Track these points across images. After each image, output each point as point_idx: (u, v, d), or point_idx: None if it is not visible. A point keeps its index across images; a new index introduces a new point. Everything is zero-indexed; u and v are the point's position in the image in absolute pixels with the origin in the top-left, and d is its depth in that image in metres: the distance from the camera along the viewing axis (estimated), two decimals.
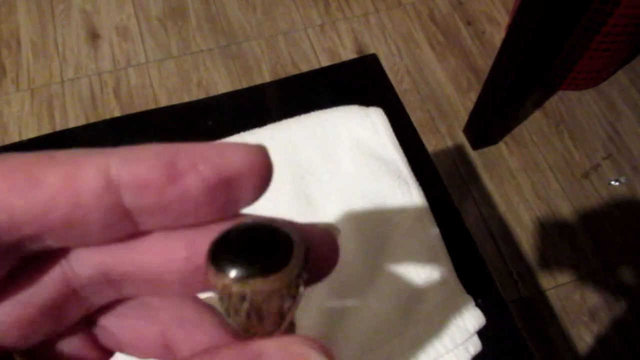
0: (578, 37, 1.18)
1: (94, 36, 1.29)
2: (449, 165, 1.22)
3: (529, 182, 1.21)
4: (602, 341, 1.06)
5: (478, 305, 0.40)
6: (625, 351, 1.05)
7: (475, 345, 0.38)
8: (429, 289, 0.39)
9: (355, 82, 0.50)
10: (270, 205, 0.42)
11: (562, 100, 1.32)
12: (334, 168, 0.44)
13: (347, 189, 0.43)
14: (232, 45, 1.32)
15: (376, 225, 0.41)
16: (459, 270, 0.41)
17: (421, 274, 0.40)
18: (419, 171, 0.45)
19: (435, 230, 0.42)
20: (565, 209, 1.19)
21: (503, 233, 1.15)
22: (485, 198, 1.19)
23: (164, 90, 1.23)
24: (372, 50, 1.34)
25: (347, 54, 1.33)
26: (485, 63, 1.33)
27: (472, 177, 1.21)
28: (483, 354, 0.38)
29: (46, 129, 1.14)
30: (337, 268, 0.39)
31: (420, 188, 0.43)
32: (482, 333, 0.39)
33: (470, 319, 0.38)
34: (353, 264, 0.39)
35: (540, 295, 1.09)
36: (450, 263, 0.41)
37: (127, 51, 1.28)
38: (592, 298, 1.10)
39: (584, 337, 1.06)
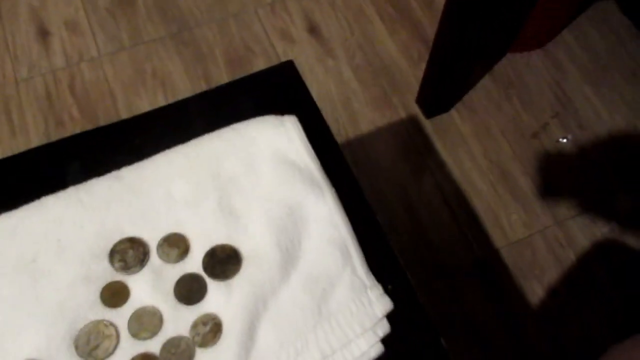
0: (523, 3, 1.21)
1: (43, 33, 1.29)
2: (404, 136, 1.26)
3: (481, 147, 1.26)
4: (552, 294, 1.13)
5: (388, 291, 0.45)
6: (573, 301, 1.12)
7: (384, 328, 0.43)
8: (340, 283, 0.44)
9: (275, 89, 0.54)
10: (197, 219, 0.46)
11: (510, 64, 1.35)
12: (254, 178, 0.48)
13: (266, 196, 0.47)
14: (183, 32, 1.32)
15: (293, 228, 0.45)
16: (372, 262, 0.46)
17: (333, 269, 0.44)
18: (334, 172, 0.49)
19: (347, 229, 0.46)
20: (517, 170, 1.24)
21: (458, 198, 1.21)
22: (440, 166, 1.24)
23: (119, 83, 1.24)
24: (324, 28, 1.36)
25: (299, 33, 1.34)
26: (434, 33, 1.35)
27: (426, 146, 1.26)
28: (392, 336, 0.44)
29: (5, 133, 1.16)
30: (256, 266, 0.43)
31: (333, 190, 0.48)
32: (391, 317, 0.44)
33: (378, 305, 0.43)
34: (270, 267, 0.43)
35: (494, 253, 1.16)
36: (361, 257, 0.45)
37: (79, 46, 1.28)
38: (543, 253, 1.16)
39: (536, 290, 1.14)
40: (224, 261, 0.44)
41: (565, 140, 1.28)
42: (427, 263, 1.14)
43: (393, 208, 1.19)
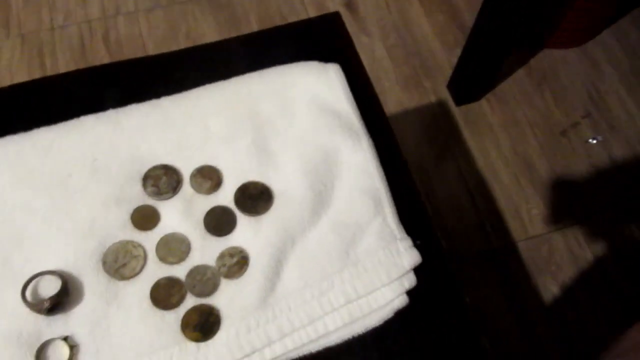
0: None
1: None
2: (431, 120, 1.25)
3: (508, 139, 1.24)
4: (566, 292, 1.12)
5: (417, 246, 0.44)
6: (588, 301, 1.11)
7: (410, 281, 0.43)
8: (370, 231, 0.43)
9: (319, 38, 0.53)
10: (231, 154, 0.46)
11: (546, 59, 1.33)
12: (291, 120, 0.47)
13: (302, 139, 0.46)
14: None
15: (327, 172, 0.45)
16: (403, 216, 0.45)
17: (365, 217, 0.44)
18: (373, 124, 0.49)
19: (381, 179, 0.45)
20: (542, 166, 1.23)
21: (480, 187, 1.20)
22: (465, 153, 1.23)
23: (153, 40, 1.24)
24: (361, 5, 1.35)
25: (336, 6, 1.33)
26: (472, 19, 1.33)
27: (453, 132, 1.25)
28: (417, 290, 0.43)
29: (37, 76, 1.17)
30: (287, 205, 0.43)
31: (371, 140, 0.47)
32: (417, 271, 0.44)
33: (407, 257, 0.43)
34: (301, 207, 0.43)
35: (510, 246, 1.15)
36: (393, 208, 0.45)
37: None
38: (560, 250, 1.15)
39: (549, 287, 1.12)
40: (255, 197, 0.44)
41: (594, 141, 1.26)
42: None
43: None
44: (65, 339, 0.38)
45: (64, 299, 0.38)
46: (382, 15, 1.34)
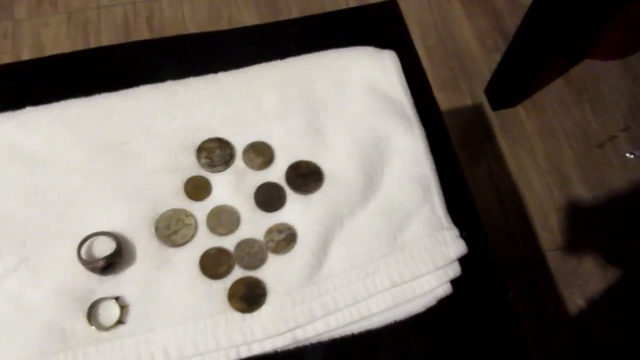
0: (610, 6, 1.17)
1: None
2: (466, 123, 1.24)
3: (543, 147, 1.23)
4: (592, 305, 1.10)
5: (462, 237, 0.44)
6: (614, 317, 1.09)
7: (454, 270, 0.43)
8: (418, 218, 0.43)
9: (374, 25, 0.53)
10: (284, 132, 0.46)
11: (586, 69, 1.31)
12: (344, 103, 0.47)
13: (355, 122, 0.47)
14: None
15: (378, 157, 0.45)
16: (450, 207, 0.45)
17: (413, 204, 0.44)
18: (425, 114, 0.48)
19: (430, 167, 0.45)
20: (576, 177, 1.21)
21: (511, 194, 1.19)
22: (498, 158, 1.22)
23: (195, 24, 1.26)
24: (402, 3, 1.34)
25: None
26: (514, 24, 1.32)
27: (487, 136, 1.24)
28: (461, 280, 0.43)
29: None
30: (337, 186, 0.43)
31: (422, 129, 0.47)
32: (462, 262, 0.43)
33: (453, 247, 0.43)
34: (351, 189, 0.43)
35: (538, 255, 1.13)
36: (441, 198, 0.45)
37: None
38: (589, 264, 1.13)
39: (575, 299, 1.11)
40: (306, 176, 0.44)
41: (632, 156, 1.24)
42: None
43: None
44: (116, 299, 0.39)
45: (117, 260, 0.39)
46: (423, 15, 1.34)
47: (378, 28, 0.53)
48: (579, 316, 1.09)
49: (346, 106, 0.47)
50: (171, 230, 0.41)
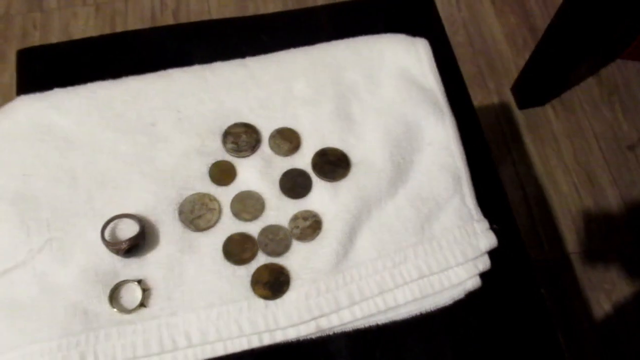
0: None
1: None
2: (492, 122, 1.22)
3: (571, 148, 1.20)
4: (619, 310, 1.07)
5: (493, 230, 0.43)
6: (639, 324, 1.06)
7: (484, 263, 0.41)
8: (447, 209, 0.42)
9: (406, 13, 0.52)
10: (313, 118, 0.45)
11: (619, 69, 1.28)
12: (375, 90, 0.46)
13: (385, 109, 0.45)
14: None
15: (407, 145, 0.44)
16: (481, 199, 0.44)
17: (443, 194, 0.43)
18: (456, 104, 0.47)
19: (461, 158, 0.44)
20: (604, 179, 1.18)
21: (537, 194, 1.16)
22: (524, 158, 1.19)
23: (221, 17, 1.26)
24: None
25: None
26: (544, 23, 1.29)
27: (514, 136, 1.21)
28: (491, 274, 0.42)
29: None
30: (365, 174, 0.42)
31: (453, 118, 0.46)
32: (492, 255, 0.42)
33: (483, 239, 0.42)
34: (380, 177, 0.42)
35: (564, 258, 1.11)
36: (472, 189, 0.44)
37: None
38: (618, 268, 1.10)
39: (602, 304, 1.08)
40: (333, 163, 0.43)
41: None
42: None
43: None
44: (139, 281, 0.38)
45: (140, 242, 0.39)
46: (451, 12, 1.32)
47: (410, 16, 0.52)
48: (604, 321, 1.07)
49: (377, 93, 0.46)
50: (195, 214, 0.41)
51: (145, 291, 0.38)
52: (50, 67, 0.48)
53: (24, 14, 1.25)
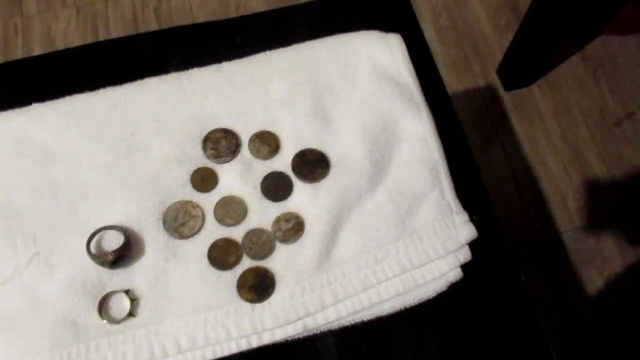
0: None
1: None
2: (479, 105, 1.23)
3: (558, 127, 1.21)
4: (611, 286, 1.09)
5: (473, 221, 0.44)
6: (633, 299, 1.08)
7: (465, 255, 0.42)
8: (427, 203, 0.43)
9: (380, 9, 0.52)
10: (290, 120, 0.46)
11: (603, 45, 1.28)
12: (351, 88, 0.47)
13: (362, 107, 0.46)
14: None
15: (385, 142, 0.45)
16: (460, 190, 0.45)
17: (422, 188, 0.43)
18: (433, 97, 0.48)
19: (439, 151, 0.45)
20: (592, 156, 1.19)
21: (526, 175, 1.17)
22: (512, 140, 1.20)
23: (203, 14, 1.25)
24: None
25: None
26: (527, 2, 1.29)
27: (501, 118, 1.22)
28: (472, 265, 0.42)
29: None
30: (344, 172, 0.43)
31: (430, 112, 0.46)
32: (473, 246, 0.43)
33: (463, 231, 0.42)
34: (359, 175, 0.43)
35: (556, 236, 1.12)
36: (450, 182, 0.44)
37: None
38: (608, 244, 1.12)
39: (594, 280, 1.09)
40: (313, 164, 0.44)
41: None
42: None
43: None
44: (127, 292, 0.39)
45: (126, 253, 0.39)
46: None
47: (384, 12, 0.52)
48: (597, 297, 1.08)
49: (353, 91, 0.47)
50: (179, 222, 0.41)
51: (134, 301, 0.39)
52: (26, 81, 0.49)
53: (5, 20, 1.24)
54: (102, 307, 0.39)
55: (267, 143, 0.45)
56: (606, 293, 1.08)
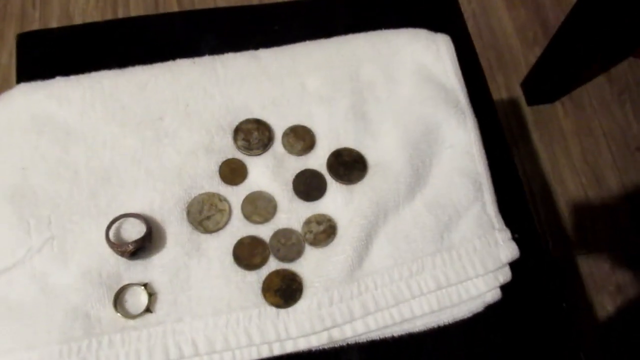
0: None
1: None
2: (500, 117, 1.20)
3: (579, 147, 1.18)
4: (624, 313, 1.06)
5: (514, 239, 0.41)
6: None
7: (505, 275, 0.39)
8: (467, 217, 0.40)
9: (428, 6, 0.50)
10: (327, 117, 0.43)
11: (631, 68, 1.26)
12: (393, 88, 0.44)
13: (404, 110, 0.43)
14: None
15: (427, 148, 0.42)
16: (502, 205, 0.42)
17: (463, 201, 0.41)
18: (477, 104, 0.45)
19: (483, 162, 0.42)
20: (613, 180, 1.16)
21: (543, 193, 1.14)
22: (531, 155, 1.17)
23: (225, 1, 1.23)
24: None
25: None
26: (556, 18, 1.27)
27: (521, 132, 1.19)
28: (512, 286, 0.40)
29: None
30: (382, 177, 0.40)
31: (476, 121, 0.44)
32: (513, 267, 0.40)
33: (504, 250, 0.40)
34: (398, 181, 0.40)
35: (569, 258, 1.09)
36: (493, 196, 0.42)
37: None
38: (623, 272, 1.09)
39: (606, 306, 1.07)
40: (349, 165, 0.41)
41: None
42: None
43: None
44: (145, 285, 0.36)
45: (146, 244, 0.37)
46: (461, 3, 1.28)
47: (431, 7, 0.50)
48: (607, 323, 1.05)
49: (395, 92, 0.44)
50: (204, 215, 0.39)
51: (151, 296, 0.36)
52: (52, 53, 0.46)
53: None
54: (118, 299, 0.36)
55: (302, 139, 0.42)
56: (617, 320, 1.06)
